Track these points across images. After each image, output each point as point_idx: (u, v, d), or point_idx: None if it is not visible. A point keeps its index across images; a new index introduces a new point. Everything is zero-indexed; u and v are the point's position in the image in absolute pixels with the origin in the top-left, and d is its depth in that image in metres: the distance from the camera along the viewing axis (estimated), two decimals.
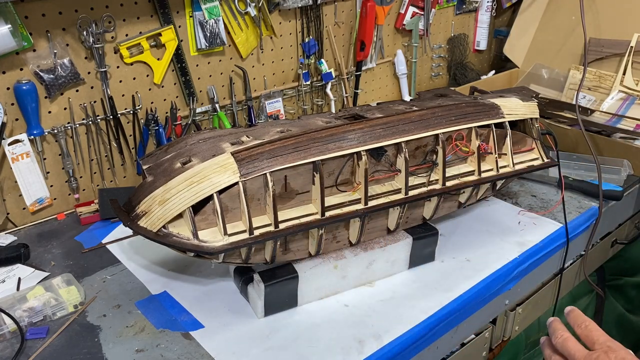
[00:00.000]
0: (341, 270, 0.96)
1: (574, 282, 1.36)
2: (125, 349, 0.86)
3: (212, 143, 0.90)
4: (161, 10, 1.24)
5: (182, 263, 1.05)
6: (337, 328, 0.91)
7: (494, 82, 1.77)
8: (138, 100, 1.27)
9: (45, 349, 0.86)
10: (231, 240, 0.83)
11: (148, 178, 0.86)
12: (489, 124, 1.04)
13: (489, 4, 1.94)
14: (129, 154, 1.30)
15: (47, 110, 1.16)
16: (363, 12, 1.57)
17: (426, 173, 0.99)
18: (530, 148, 1.13)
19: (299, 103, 1.57)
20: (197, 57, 1.34)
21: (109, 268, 1.05)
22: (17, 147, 1.13)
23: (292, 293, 0.93)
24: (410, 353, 0.91)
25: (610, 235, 1.44)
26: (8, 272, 1.03)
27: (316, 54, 1.55)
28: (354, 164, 0.92)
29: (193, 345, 0.87)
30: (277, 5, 1.42)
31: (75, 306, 0.94)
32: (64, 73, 1.15)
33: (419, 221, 1.04)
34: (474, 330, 1.09)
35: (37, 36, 1.10)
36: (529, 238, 1.13)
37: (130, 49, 1.22)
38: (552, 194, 1.29)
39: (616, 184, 1.29)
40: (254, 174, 0.83)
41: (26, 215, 1.20)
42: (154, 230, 0.83)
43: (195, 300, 0.97)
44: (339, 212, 0.91)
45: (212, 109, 1.38)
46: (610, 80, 1.64)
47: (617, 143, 1.38)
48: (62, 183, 1.24)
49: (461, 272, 1.04)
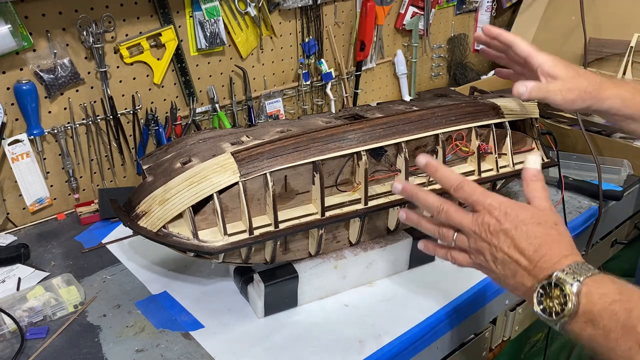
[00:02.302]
0: (341, 270, 0.96)
1: None
2: (125, 349, 0.86)
3: (212, 143, 0.90)
4: (161, 10, 1.24)
5: (182, 263, 1.05)
6: (337, 328, 0.91)
7: (494, 82, 1.76)
8: (138, 100, 1.27)
9: (45, 349, 0.86)
10: (231, 240, 0.83)
11: (148, 178, 0.86)
12: (489, 124, 1.04)
13: (489, 4, 1.94)
14: (129, 154, 1.30)
15: (47, 110, 1.16)
16: (363, 12, 1.57)
17: (426, 173, 0.99)
18: (530, 148, 1.13)
19: (299, 103, 1.57)
20: (197, 57, 1.34)
21: (109, 268, 1.05)
22: (17, 147, 1.13)
23: (292, 293, 0.93)
24: (410, 353, 0.91)
25: (610, 235, 1.44)
26: (8, 272, 1.03)
27: (316, 54, 1.54)
28: (354, 164, 0.92)
29: (193, 345, 0.87)
30: (277, 5, 1.42)
31: (75, 306, 0.94)
32: (64, 73, 1.15)
33: None
34: (474, 330, 1.09)
35: (37, 36, 1.10)
36: None
37: (130, 49, 1.22)
38: (552, 194, 1.29)
39: (616, 184, 1.29)
40: (254, 174, 0.83)
41: (26, 215, 1.20)
42: (154, 230, 0.83)
43: (195, 300, 0.97)
44: (339, 212, 0.91)
45: (212, 109, 1.38)
46: None
47: (617, 143, 1.38)
48: (62, 183, 1.24)
49: (461, 272, 1.02)
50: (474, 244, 0.72)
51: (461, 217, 0.72)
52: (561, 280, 0.63)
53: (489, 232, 0.70)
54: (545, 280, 0.64)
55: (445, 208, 0.74)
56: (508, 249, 0.68)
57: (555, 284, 0.63)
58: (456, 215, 0.73)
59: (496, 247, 0.69)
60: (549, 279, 0.64)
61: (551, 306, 0.63)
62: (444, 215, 0.74)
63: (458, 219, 0.73)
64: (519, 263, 0.68)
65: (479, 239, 0.71)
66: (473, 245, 0.72)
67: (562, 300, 0.62)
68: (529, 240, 0.68)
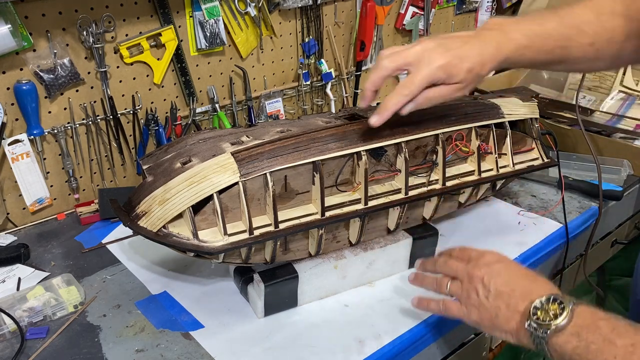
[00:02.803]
0: (341, 270, 0.96)
1: (574, 282, 1.36)
2: (125, 349, 0.86)
3: (212, 143, 0.90)
4: (161, 10, 1.24)
5: (182, 263, 1.05)
6: (337, 328, 0.91)
7: (494, 82, 1.77)
8: (138, 100, 1.27)
9: (45, 349, 0.86)
10: (231, 240, 0.83)
11: (148, 178, 0.86)
12: (489, 124, 1.04)
13: (489, 4, 1.94)
14: (129, 154, 1.30)
15: (47, 110, 1.16)
16: (363, 12, 1.57)
17: (426, 173, 0.99)
18: (530, 148, 1.13)
19: (299, 103, 1.57)
20: (197, 57, 1.34)
21: (109, 268, 1.05)
22: (17, 147, 1.13)
23: (292, 293, 0.93)
24: (410, 353, 0.91)
25: (610, 235, 1.44)
26: (8, 272, 1.03)
27: (316, 54, 1.55)
28: (354, 164, 0.92)
29: (193, 345, 0.87)
30: (277, 5, 1.42)
31: (75, 306, 0.94)
32: (64, 73, 1.15)
33: (419, 221, 1.04)
34: (474, 330, 1.09)
35: (37, 36, 1.10)
36: (529, 238, 1.13)
37: (130, 49, 1.22)
38: (552, 194, 1.29)
39: (616, 184, 1.29)
40: (254, 174, 0.83)
41: (26, 215, 1.20)
42: (154, 230, 0.83)
43: (195, 300, 0.97)
44: (339, 212, 0.91)
45: (212, 109, 1.38)
46: (610, 80, 1.64)
47: (617, 143, 1.38)
48: (62, 183, 1.24)
49: None
50: (467, 284, 0.79)
51: (456, 265, 0.82)
52: (559, 296, 0.69)
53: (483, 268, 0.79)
54: (545, 296, 0.70)
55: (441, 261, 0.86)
56: (502, 285, 0.76)
57: (554, 299, 0.68)
58: (451, 264, 0.83)
59: (490, 281, 0.77)
60: (547, 296, 0.69)
61: (545, 317, 0.68)
62: (440, 266, 0.86)
63: (454, 267, 0.83)
64: (513, 292, 0.74)
65: (472, 279, 0.78)
66: (466, 287, 0.79)
67: (559, 311, 0.67)
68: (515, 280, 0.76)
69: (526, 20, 0.87)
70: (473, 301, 0.77)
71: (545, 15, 0.87)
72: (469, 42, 0.82)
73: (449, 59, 0.79)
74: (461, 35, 0.84)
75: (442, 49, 0.80)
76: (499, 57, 0.83)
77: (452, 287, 0.81)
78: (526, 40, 0.84)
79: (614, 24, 0.87)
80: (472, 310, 0.77)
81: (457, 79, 0.80)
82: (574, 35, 0.86)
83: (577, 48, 0.87)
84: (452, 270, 0.82)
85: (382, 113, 0.82)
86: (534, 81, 1.79)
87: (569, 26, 0.86)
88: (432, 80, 0.80)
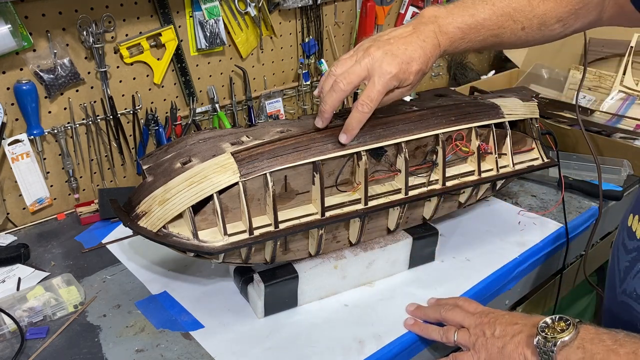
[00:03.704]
0: (341, 270, 0.96)
1: (574, 282, 1.36)
2: (125, 349, 0.86)
3: (212, 143, 0.90)
4: (161, 10, 1.24)
5: (182, 263, 1.05)
6: (337, 328, 0.91)
7: (494, 82, 1.77)
8: (138, 100, 1.27)
9: (45, 349, 0.86)
10: (231, 241, 0.83)
11: (148, 178, 0.86)
12: (489, 124, 1.04)
13: None
14: (129, 154, 1.30)
15: (47, 110, 1.16)
16: (363, 12, 1.57)
17: (426, 173, 0.99)
18: (530, 148, 1.13)
19: (299, 103, 1.57)
20: (197, 57, 1.34)
21: (109, 268, 1.05)
22: (17, 147, 1.13)
23: (292, 293, 0.93)
24: (410, 353, 0.91)
25: (610, 235, 1.44)
26: (8, 272, 1.03)
27: (316, 54, 1.55)
28: (354, 164, 0.92)
29: (193, 345, 0.87)
30: (277, 5, 1.42)
31: (75, 306, 0.95)
32: (64, 73, 1.15)
33: (419, 221, 1.04)
34: None
35: (37, 36, 1.10)
36: (529, 238, 1.13)
37: (130, 49, 1.22)
38: (552, 194, 1.29)
39: (616, 184, 1.29)
40: (254, 174, 0.83)
41: (26, 215, 1.20)
42: (154, 230, 0.83)
43: (195, 300, 0.97)
44: (339, 212, 0.91)
45: (212, 109, 1.38)
46: (610, 80, 1.64)
47: (617, 143, 1.38)
48: (62, 183, 1.24)
49: (461, 272, 1.04)
50: (474, 329, 0.81)
51: (462, 315, 0.84)
52: (565, 315, 0.71)
53: (490, 315, 0.81)
54: (551, 317, 0.72)
55: (444, 312, 0.87)
56: (506, 323, 0.78)
57: (560, 317, 0.71)
58: (456, 314, 0.85)
59: (495, 321, 0.79)
60: (554, 316, 0.72)
61: (552, 333, 0.70)
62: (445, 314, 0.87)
63: (460, 317, 0.85)
64: (517, 325, 0.76)
65: (480, 325, 0.80)
66: (474, 332, 0.80)
67: (565, 327, 0.69)
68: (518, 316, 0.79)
69: (460, 11, 0.90)
70: (481, 342, 0.79)
71: (478, 4, 0.91)
72: (410, 42, 0.86)
73: (399, 67, 0.84)
74: (401, 34, 0.87)
75: (389, 57, 0.84)
76: (437, 52, 0.89)
77: (460, 336, 0.82)
78: (460, 33, 0.89)
79: (545, 8, 0.91)
80: (482, 351, 0.79)
81: (408, 82, 0.87)
82: (506, 22, 0.91)
83: (510, 34, 0.92)
84: (459, 319, 0.84)
85: (349, 132, 0.87)
86: (534, 81, 1.79)
87: (501, 14, 0.90)
88: (387, 90, 0.85)
